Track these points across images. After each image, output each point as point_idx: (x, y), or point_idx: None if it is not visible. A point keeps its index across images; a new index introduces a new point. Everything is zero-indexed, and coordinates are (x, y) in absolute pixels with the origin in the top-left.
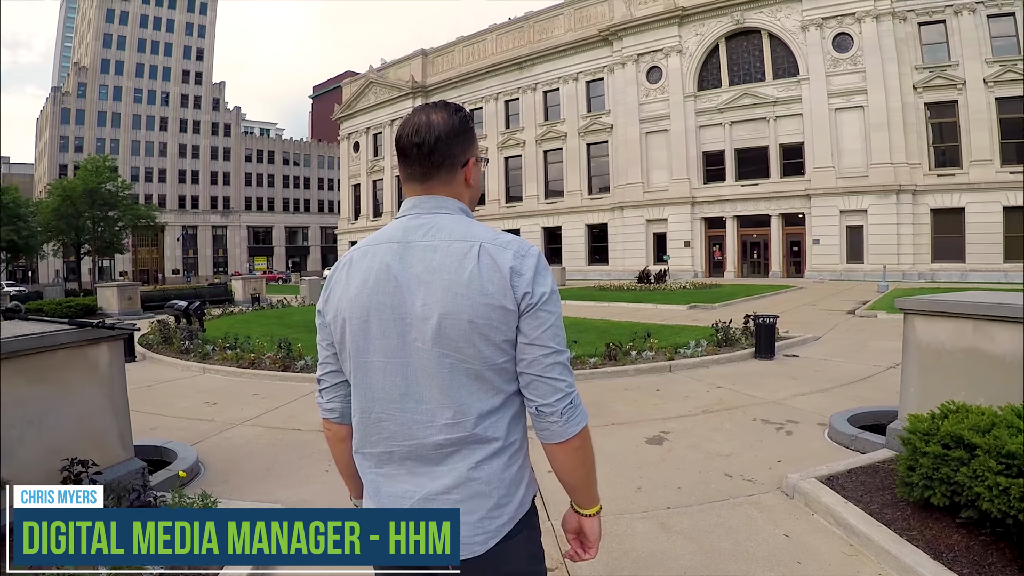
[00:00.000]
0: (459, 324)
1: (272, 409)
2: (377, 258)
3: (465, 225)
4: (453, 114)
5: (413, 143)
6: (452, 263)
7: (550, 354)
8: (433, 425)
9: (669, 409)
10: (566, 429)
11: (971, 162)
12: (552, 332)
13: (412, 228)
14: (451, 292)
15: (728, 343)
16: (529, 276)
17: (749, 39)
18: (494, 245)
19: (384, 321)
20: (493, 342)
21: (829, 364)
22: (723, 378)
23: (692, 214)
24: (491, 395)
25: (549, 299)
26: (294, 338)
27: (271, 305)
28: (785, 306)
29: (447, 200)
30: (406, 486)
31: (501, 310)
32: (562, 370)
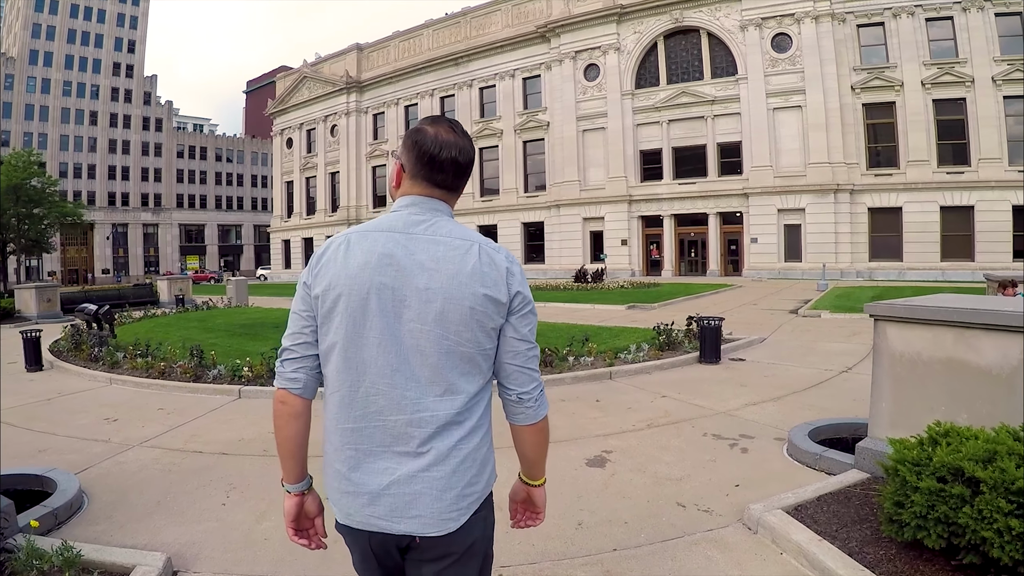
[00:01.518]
0: (461, 309)
1: (175, 427)
2: (379, 243)
3: (460, 227)
4: (466, 135)
5: (456, 162)
6: (456, 256)
7: (531, 348)
8: (421, 402)
9: (611, 423)
10: (538, 412)
11: (908, 162)
12: (530, 330)
13: (413, 222)
14: (456, 280)
15: (671, 346)
16: (519, 277)
17: (688, 38)
18: (489, 247)
19: (384, 300)
20: (485, 329)
21: (778, 368)
22: (668, 386)
23: (629, 212)
24: (476, 378)
25: (530, 300)
26: (212, 343)
27: (196, 307)
28: (726, 305)
29: (443, 205)
30: (387, 463)
31: (496, 302)
32: (536, 362)
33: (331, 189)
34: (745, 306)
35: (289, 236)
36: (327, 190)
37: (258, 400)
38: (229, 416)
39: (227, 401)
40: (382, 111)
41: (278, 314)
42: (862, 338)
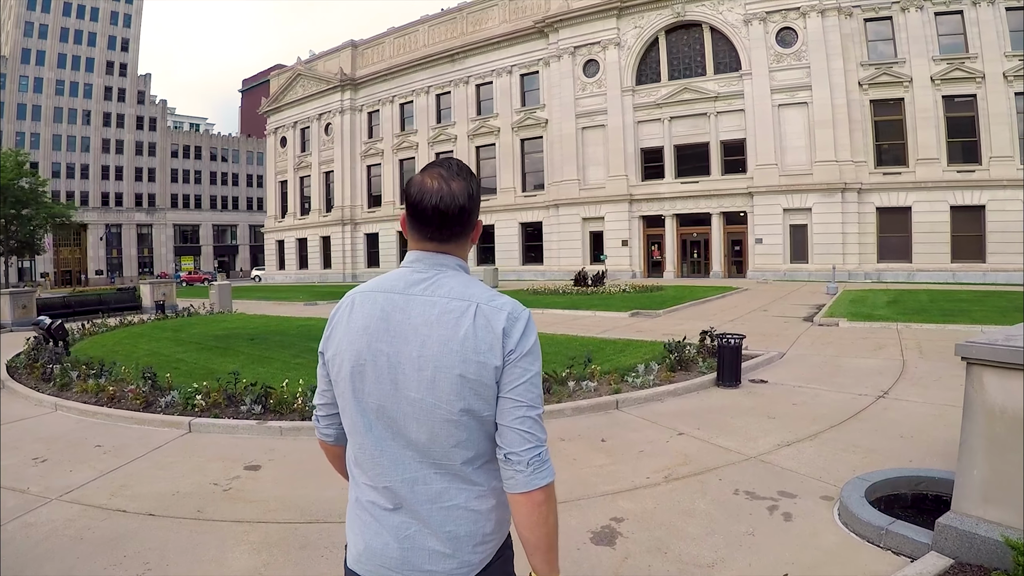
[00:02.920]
0: (451, 378)
1: (107, 472)
2: (378, 305)
3: (463, 284)
4: (470, 181)
5: (438, 211)
6: (450, 320)
7: (520, 407)
8: (422, 465)
9: (621, 475)
10: (531, 480)
11: (917, 161)
12: (526, 387)
13: (413, 282)
14: (447, 347)
15: (683, 365)
16: (516, 337)
17: (690, 32)
18: (490, 306)
19: (379, 367)
20: (481, 396)
21: (806, 393)
22: (684, 418)
23: (630, 212)
24: (476, 443)
25: (527, 355)
26: (179, 360)
27: (177, 313)
28: (735, 312)
29: (448, 258)
30: (398, 519)
31: (491, 368)
32: (532, 424)
33: (325, 189)
34: (755, 312)
35: (283, 236)
36: (321, 190)
37: (209, 436)
38: (172, 457)
39: (175, 436)
40: (377, 109)
41: (258, 323)
42: (888, 352)
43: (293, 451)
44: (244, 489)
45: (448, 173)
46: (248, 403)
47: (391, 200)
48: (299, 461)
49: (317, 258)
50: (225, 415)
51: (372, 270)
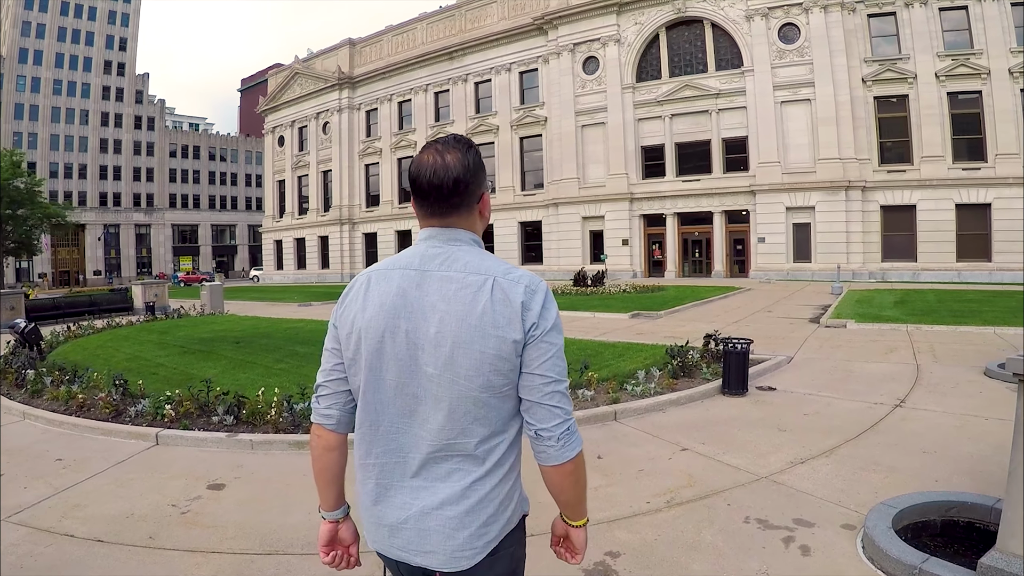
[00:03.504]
0: (470, 353)
1: (63, 489)
2: (394, 283)
3: (479, 258)
4: (466, 152)
5: (432, 184)
6: (467, 295)
7: (550, 383)
8: (437, 443)
9: (618, 498)
10: (562, 453)
11: (922, 158)
12: (552, 362)
13: (429, 257)
14: (465, 323)
15: (686, 371)
16: (537, 310)
17: (691, 29)
18: (507, 280)
19: (398, 344)
20: (501, 371)
21: (818, 402)
22: (688, 431)
23: (630, 211)
24: (492, 420)
25: (551, 331)
26: (159, 364)
27: (167, 314)
28: (738, 313)
29: (462, 232)
30: (405, 498)
31: (510, 342)
32: (560, 398)
33: (323, 188)
34: (759, 313)
35: (281, 236)
36: (319, 189)
37: (176, 449)
38: (133, 473)
39: (140, 449)
40: (375, 107)
41: (247, 325)
42: (901, 356)
43: (262, 467)
44: (203, 512)
45: (443, 146)
46: (220, 413)
47: (389, 199)
48: (266, 479)
49: (315, 258)
50: (196, 425)
51: (366, 270)
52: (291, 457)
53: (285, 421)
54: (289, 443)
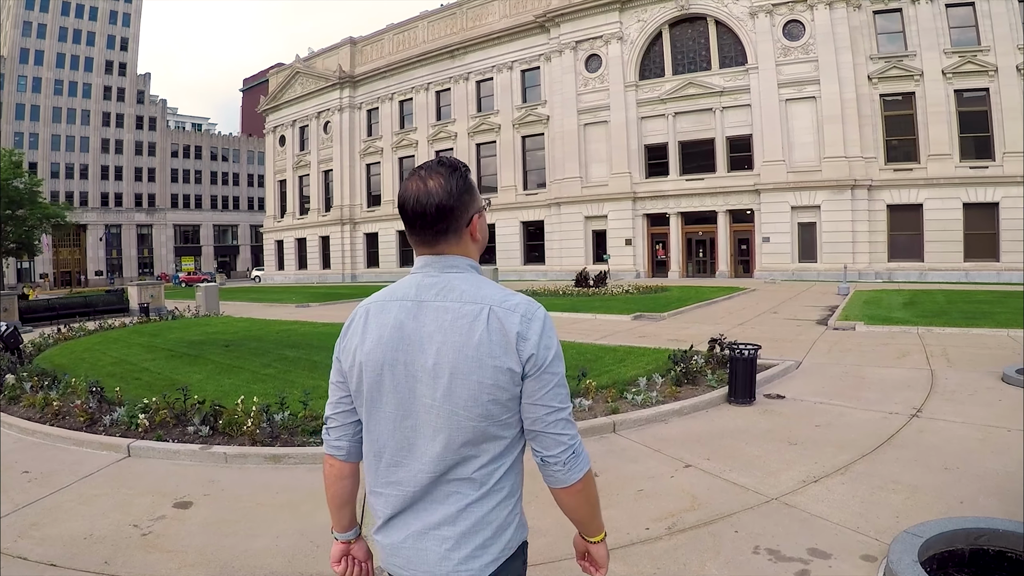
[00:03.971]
0: (468, 383)
1: (25, 505)
2: (391, 314)
3: (476, 285)
4: (450, 176)
5: (416, 212)
6: (463, 325)
7: (552, 412)
8: (435, 473)
9: (615, 524)
10: (568, 476)
11: (929, 156)
12: (554, 392)
13: (425, 287)
14: (462, 353)
15: (690, 378)
16: (534, 340)
17: (694, 26)
18: (503, 308)
19: (397, 376)
20: (499, 401)
21: (830, 411)
22: (691, 444)
23: (634, 210)
24: (491, 448)
25: (552, 361)
26: (144, 368)
27: (161, 316)
28: (743, 314)
29: (457, 259)
30: (406, 519)
31: (508, 372)
32: (564, 425)
33: (324, 188)
34: (764, 315)
35: (282, 236)
36: (320, 189)
37: (148, 462)
38: (99, 488)
39: (111, 461)
40: (376, 107)
41: (240, 327)
42: (914, 360)
43: (234, 484)
44: (165, 534)
45: (427, 172)
46: (196, 423)
47: (390, 199)
48: (236, 497)
49: (316, 258)
50: (171, 436)
51: (371, 270)
52: (266, 473)
53: (263, 433)
54: (265, 457)
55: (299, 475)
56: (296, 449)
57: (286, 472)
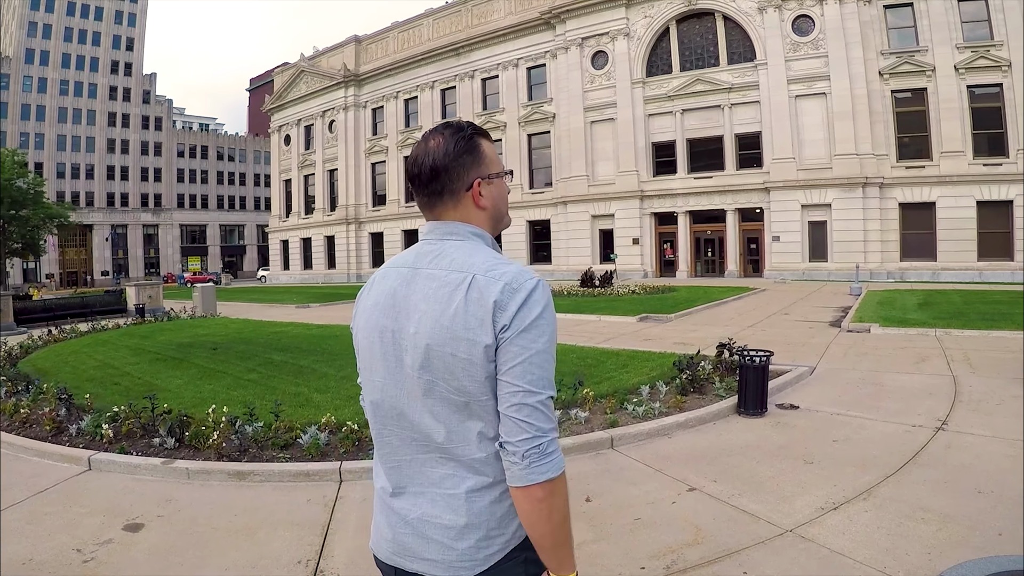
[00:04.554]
0: (443, 356)
1: None
2: (390, 280)
3: (469, 253)
4: (453, 135)
5: (412, 173)
6: (444, 294)
7: (518, 392)
8: (426, 448)
9: (605, 560)
10: (527, 474)
11: (942, 154)
12: (523, 368)
13: (423, 254)
14: (438, 324)
15: (696, 386)
16: (512, 310)
17: (702, 22)
18: (486, 277)
19: (385, 344)
20: (475, 378)
21: (848, 425)
22: (696, 463)
23: (641, 209)
24: (480, 429)
25: (526, 331)
26: (126, 373)
27: (156, 317)
28: (753, 315)
29: (459, 226)
30: (405, 503)
31: (482, 348)
32: (530, 412)
33: (329, 187)
34: (775, 316)
35: (287, 236)
36: (326, 188)
37: (108, 476)
38: (51, 506)
39: (70, 475)
40: (381, 105)
41: (232, 329)
42: (934, 366)
43: (193, 503)
44: (108, 561)
45: (431, 132)
46: (162, 434)
47: (395, 198)
48: (192, 519)
49: (321, 258)
50: (136, 448)
51: (376, 270)
52: (228, 491)
53: (230, 446)
54: (229, 473)
55: (263, 495)
56: (263, 465)
57: (249, 491)
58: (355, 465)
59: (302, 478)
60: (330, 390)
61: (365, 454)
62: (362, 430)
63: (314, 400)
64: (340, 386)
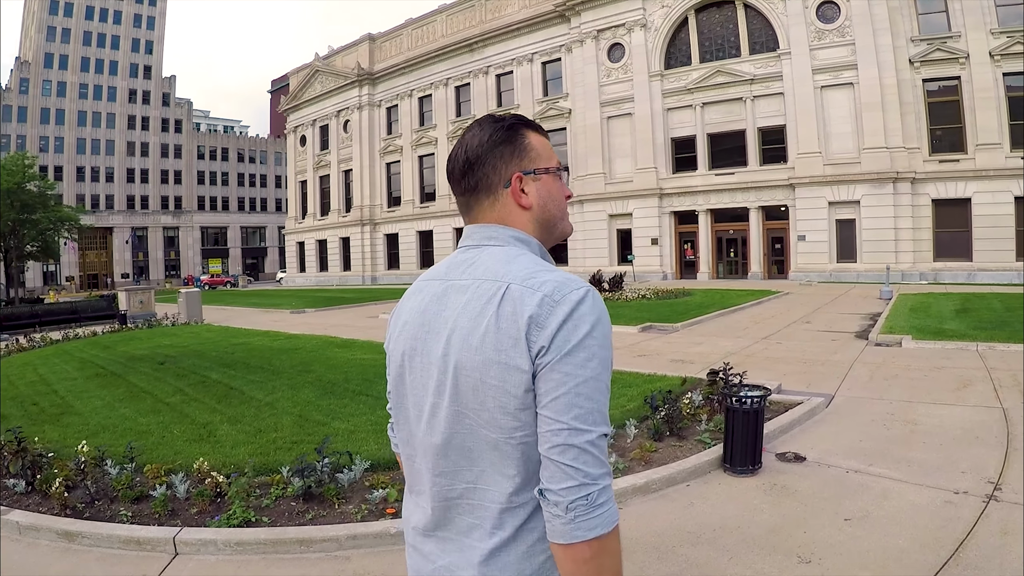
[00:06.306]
0: (471, 382)
1: None
2: (423, 294)
3: (506, 260)
4: (492, 125)
5: (449, 169)
6: (475, 308)
7: (560, 431)
8: (454, 489)
9: None
10: (572, 530)
11: (977, 146)
12: (567, 401)
13: (456, 264)
14: (467, 344)
15: (676, 428)
16: (552, 327)
17: (721, 11)
18: (523, 287)
19: (415, 368)
20: (507, 410)
21: (867, 489)
22: (641, 556)
23: (660, 208)
24: (513, 472)
25: (570, 355)
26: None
27: (138, 324)
28: (770, 324)
29: (498, 229)
30: (432, 547)
31: (516, 372)
32: (577, 454)
33: (345, 188)
34: (794, 325)
35: (303, 238)
36: (341, 189)
37: None
38: None
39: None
40: (395, 104)
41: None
42: (979, 393)
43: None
44: None
45: (478, 122)
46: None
47: (410, 199)
48: None
49: (337, 260)
50: None
51: (392, 272)
52: (52, 554)
53: (79, 495)
54: (58, 532)
55: (84, 565)
56: (95, 526)
57: (73, 558)
58: (194, 536)
59: (132, 545)
60: (244, 420)
61: (224, 518)
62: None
63: (217, 433)
64: (258, 415)
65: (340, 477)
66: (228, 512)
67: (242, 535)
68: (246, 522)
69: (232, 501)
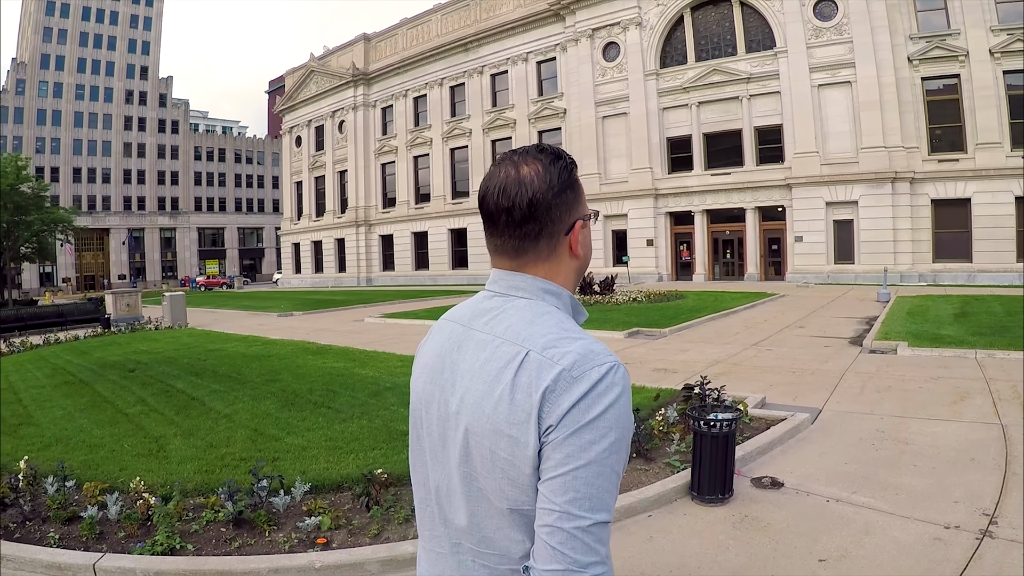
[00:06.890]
0: (481, 449)
1: None
2: (444, 338)
3: (529, 320)
4: (552, 164)
5: (500, 207)
6: (491, 371)
7: (551, 512)
8: (467, 552)
9: None
10: None
11: (977, 145)
12: (563, 482)
13: (480, 312)
14: (480, 409)
15: (643, 449)
16: (564, 407)
17: (718, 8)
18: (543, 356)
19: (430, 417)
20: (516, 483)
21: (850, 524)
22: None
23: (655, 208)
24: (520, 537)
25: (577, 434)
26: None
27: (120, 328)
28: (762, 329)
29: (529, 280)
30: None
31: (525, 448)
32: (565, 539)
33: (340, 189)
34: (787, 330)
35: (299, 239)
36: (336, 190)
37: None
38: None
39: None
40: (390, 104)
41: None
42: (976, 407)
43: None
44: None
45: (521, 156)
46: None
47: (405, 200)
48: None
49: (332, 261)
50: None
51: (387, 273)
52: None
53: (12, 515)
54: None
55: None
56: (22, 548)
57: None
58: (114, 563)
59: (54, 570)
60: (198, 433)
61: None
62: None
63: (168, 448)
64: (214, 428)
65: (275, 501)
66: (153, 538)
67: (162, 564)
68: (171, 549)
69: (159, 525)
